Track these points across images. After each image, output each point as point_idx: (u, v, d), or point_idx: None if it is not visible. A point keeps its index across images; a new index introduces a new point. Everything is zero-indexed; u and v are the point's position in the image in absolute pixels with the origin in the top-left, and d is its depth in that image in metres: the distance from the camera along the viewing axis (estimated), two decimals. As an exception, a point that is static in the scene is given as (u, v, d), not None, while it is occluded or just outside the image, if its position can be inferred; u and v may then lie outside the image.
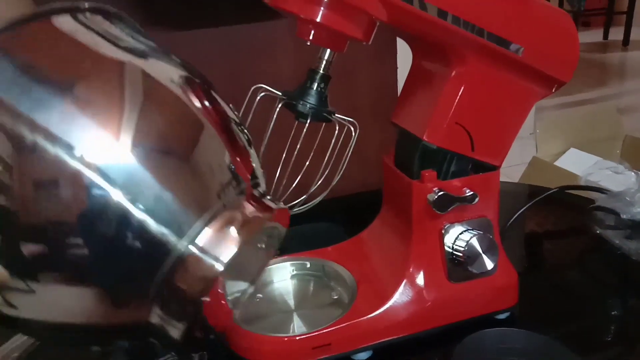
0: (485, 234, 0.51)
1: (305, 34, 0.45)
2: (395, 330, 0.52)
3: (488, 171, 0.53)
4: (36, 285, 0.34)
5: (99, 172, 0.33)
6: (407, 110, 0.55)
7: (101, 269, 0.34)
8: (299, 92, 0.47)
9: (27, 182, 0.32)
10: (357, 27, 0.44)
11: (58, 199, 0.32)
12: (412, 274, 0.52)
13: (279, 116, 0.49)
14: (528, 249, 0.76)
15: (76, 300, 0.35)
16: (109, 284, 0.35)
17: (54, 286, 0.34)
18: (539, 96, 0.52)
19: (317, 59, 0.47)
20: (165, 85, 0.39)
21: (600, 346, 0.53)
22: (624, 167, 0.69)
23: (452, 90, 0.49)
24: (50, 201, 0.32)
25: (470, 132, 0.50)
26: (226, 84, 0.86)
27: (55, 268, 0.34)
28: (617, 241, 0.67)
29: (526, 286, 0.57)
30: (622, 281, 0.67)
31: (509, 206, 0.73)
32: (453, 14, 0.43)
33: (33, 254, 0.33)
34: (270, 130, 0.58)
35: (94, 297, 0.35)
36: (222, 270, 0.36)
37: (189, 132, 0.38)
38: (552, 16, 0.50)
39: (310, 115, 0.47)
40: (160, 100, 0.38)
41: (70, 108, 0.33)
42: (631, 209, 0.65)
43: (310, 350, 0.49)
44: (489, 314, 0.55)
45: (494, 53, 0.47)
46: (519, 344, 0.50)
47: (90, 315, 0.36)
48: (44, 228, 0.33)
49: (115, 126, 0.34)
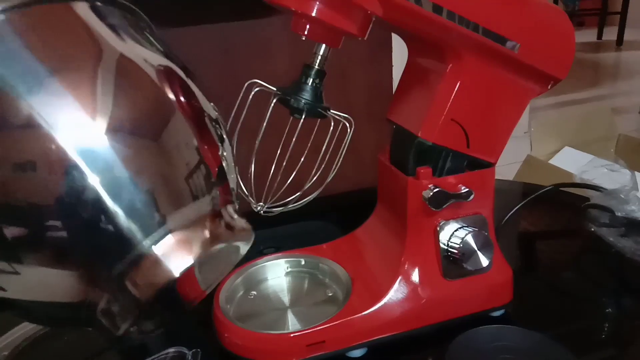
0: (481, 231, 0.51)
1: (300, 29, 0.45)
2: (389, 328, 0.52)
3: (483, 168, 0.53)
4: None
5: (79, 155, 0.34)
6: (402, 107, 0.55)
7: (70, 246, 0.35)
8: (294, 88, 0.47)
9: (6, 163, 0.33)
10: (352, 22, 0.43)
11: (37, 179, 0.33)
12: (406, 271, 0.52)
13: (273, 112, 0.48)
14: (522, 246, 0.76)
15: (42, 275, 0.36)
16: (74, 258, 0.36)
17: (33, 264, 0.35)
18: (535, 93, 0.52)
19: (312, 54, 0.46)
20: (150, 79, 0.39)
21: (594, 344, 0.53)
22: (620, 165, 0.69)
23: (448, 86, 0.48)
24: (30, 181, 0.33)
25: (465, 129, 0.50)
26: (221, 81, 0.86)
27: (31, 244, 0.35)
28: (612, 239, 0.67)
29: (521, 284, 0.57)
30: (617, 279, 0.67)
31: (504, 204, 0.73)
32: (448, 9, 0.43)
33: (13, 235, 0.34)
34: (265, 126, 0.57)
35: (59, 273, 0.36)
36: (174, 278, 0.37)
37: (160, 125, 0.39)
38: (549, 13, 0.49)
39: (305, 110, 0.46)
40: (136, 85, 0.38)
41: (58, 90, 0.34)
42: (626, 207, 0.65)
43: (304, 348, 0.49)
44: (483, 311, 0.55)
45: (490, 50, 0.46)
46: (514, 341, 0.50)
47: (52, 291, 0.37)
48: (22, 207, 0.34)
49: (94, 111, 0.35)
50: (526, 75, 0.50)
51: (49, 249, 0.35)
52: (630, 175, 0.67)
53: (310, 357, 0.49)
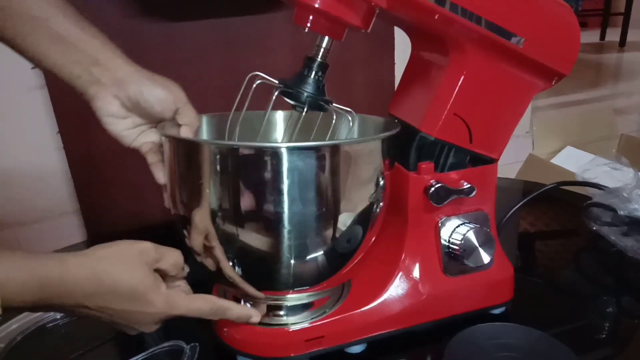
0: (482, 228, 0.51)
1: (303, 21, 0.44)
2: (389, 324, 0.51)
3: (486, 164, 0.52)
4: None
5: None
6: (404, 101, 0.54)
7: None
8: (296, 80, 0.46)
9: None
10: (356, 13, 0.43)
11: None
12: (407, 266, 0.52)
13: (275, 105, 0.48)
14: (524, 244, 0.76)
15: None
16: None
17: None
18: (539, 88, 0.52)
19: (315, 46, 0.46)
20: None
21: (594, 342, 0.53)
22: (622, 164, 0.69)
23: (451, 80, 0.48)
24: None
25: (468, 124, 0.49)
26: (223, 74, 0.86)
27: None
28: (613, 238, 0.67)
29: (521, 282, 0.57)
30: (618, 278, 0.66)
31: (505, 202, 0.73)
32: (452, 1, 0.42)
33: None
34: (267, 119, 0.57)
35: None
36: None
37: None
38: (554, 8, 0.49)
39: (307, 104, 0.46)
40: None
41: None
42: (628, 206, 0.65)
43: (303, 343, 0.49)
44: (484, 308, 0.55)
45: (494, 44, 0.46)
46: (514, 339, 0.49)
47: None
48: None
49: None
50: (530, 70, 0.50)
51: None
52: (633, 173, 0.67)
53: (309, 352, 0.49)
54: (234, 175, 0.41)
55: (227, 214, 0.42)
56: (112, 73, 0.46)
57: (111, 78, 0.46)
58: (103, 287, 0.38)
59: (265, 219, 0.42)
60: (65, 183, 0.89)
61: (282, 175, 0.40)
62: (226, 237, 0.43)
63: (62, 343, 0.55)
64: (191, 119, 0.48)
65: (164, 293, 0.41)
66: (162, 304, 0.40)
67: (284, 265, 0.43)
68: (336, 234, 0.44)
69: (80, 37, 0.45)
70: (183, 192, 0.45)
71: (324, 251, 0.44)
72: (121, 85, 0.46)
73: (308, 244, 0.43)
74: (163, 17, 0.81)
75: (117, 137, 0.49)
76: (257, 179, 0.41)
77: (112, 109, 0.47)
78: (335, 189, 0.42)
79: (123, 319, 0.40)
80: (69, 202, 0.91)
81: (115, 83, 0.46)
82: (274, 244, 0.42)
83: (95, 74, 0.46)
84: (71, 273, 0.37)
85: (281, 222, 0.41)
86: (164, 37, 0.82)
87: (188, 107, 0.48)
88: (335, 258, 0.46)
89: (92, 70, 0.46)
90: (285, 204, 0.41)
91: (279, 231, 0.42)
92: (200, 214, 0.43)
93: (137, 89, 0.46)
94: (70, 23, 0.45)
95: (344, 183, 0.43)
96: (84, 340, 0.54)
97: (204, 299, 0.43)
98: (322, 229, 0.43)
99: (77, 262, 0.37)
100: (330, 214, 0.43)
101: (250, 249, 0.43)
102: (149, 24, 0.80)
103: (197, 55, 0.84)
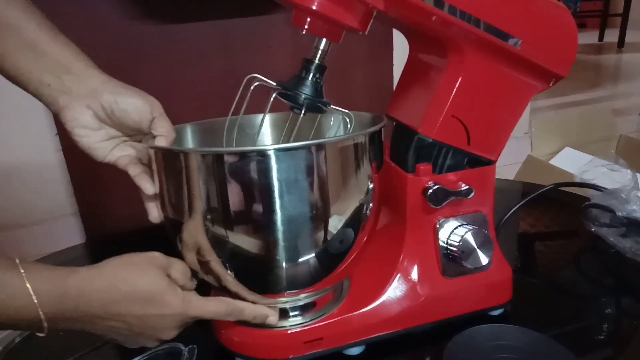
0: (480, 229, 0.51)
1: (301, 23, 0.44)
2: (387, 325, 0.51)
3: (484, 165, 0.52)
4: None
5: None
6: (403, 103, 0.54)
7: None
8: (294, 83, 0.46)
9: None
10: (353, 15, 0.43)
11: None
12: (405, 268, 0.52)
13: (273, 107, 0.48)
14: (522, 246, 0.76)
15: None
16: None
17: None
18: (537, 90, 0.52)
19: (313, 48, 0.46)
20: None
21: (593, 343, 0.53)
22: (620, 165, 0.69)
23: (449, 82, 0.48)
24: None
25: (466, 125, 0.50)
26: (221, 76, 0.86)
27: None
28: (612, 239, 0.67)
29: (520, 283, 0.57)
30: (616, 280, 0.66)
31: (504, 203, 0.73)
32: (450, 4, 0.42)
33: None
34: (264, 121, 0.57)
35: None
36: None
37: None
38: (552, 10, 0.49)
39: (305, 105, 0.46)
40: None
41: None
42: (627, 207, 0.65)
43: (302, 344, 0.49)
44: (482, 310, 0.55)
45: (492, 45, 0.46)
46: (513, 340, 0.49)
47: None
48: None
49: None
50: (528, 71, 0.50)
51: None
52: (631, 174, 0.67)
53: (307, 354, 0.49)
54: (221, 182, 0.41)
55: (219, 222, 0.42)
56: (84, 82, 0.44)
57: (83, 87, 0.45)
58: (120, 293, 0.38)
59: (256, 222, 0.42)
60: (64, 185, 0.89)
61: (271, 179, 0.40)
62: (219, 245, 0.43)
63: (60, 345, 0.55)
64: (167, 129, 0.46)
65: (180, 294, 0.41)
66: (179, 304, 0.41)
67: (280, 267, 0.43)
68: (328, 228, 0.44)
69: (52, 45, 0.44)
70: (175, 206, 0.44)
71: (317, 252, 0.44)
72: (94, 94, 0.45)
73: (301, 245, 0.43)
74: (162, 19, 0.81)
75: (89, 150, 0.47)
76: (244, 183, 0.41)
77: (85, 119, 0.45)
78: (324, 185, 0.42)
79: (142, 326, 0.40)
80: (67, 205, 0.91)
81: (87, 92, 0.45)
82: (269, 248, 0.42)
83: (67, 82, 0.44)
84: (88, 282, 0.37)
85: (275, 224, 0.41)
86: (163, 39, 0.82)
87: (164, 117, 0.47)
88: (328, 257, 0.46)
89: (64, 78, 0.44)
90: (276, 206, 0.41)
91: (274, 234, 0.42)
92: (190, 229, 0.43)
93: (111, 98, 0.45)
94: (41, 31, 0.44)
95: (333, 179, 0.43)
96: (83, 342, 0.54)
97: (219, 300, 0.43)
98: (315, 229, 0.43)
99: (92, 273, 0.38)
100: (321, 210, 0.43)
101: (246, 254, 0.43)
102: (148, 25, 0.81)
103: (197, 57, 0.85)
